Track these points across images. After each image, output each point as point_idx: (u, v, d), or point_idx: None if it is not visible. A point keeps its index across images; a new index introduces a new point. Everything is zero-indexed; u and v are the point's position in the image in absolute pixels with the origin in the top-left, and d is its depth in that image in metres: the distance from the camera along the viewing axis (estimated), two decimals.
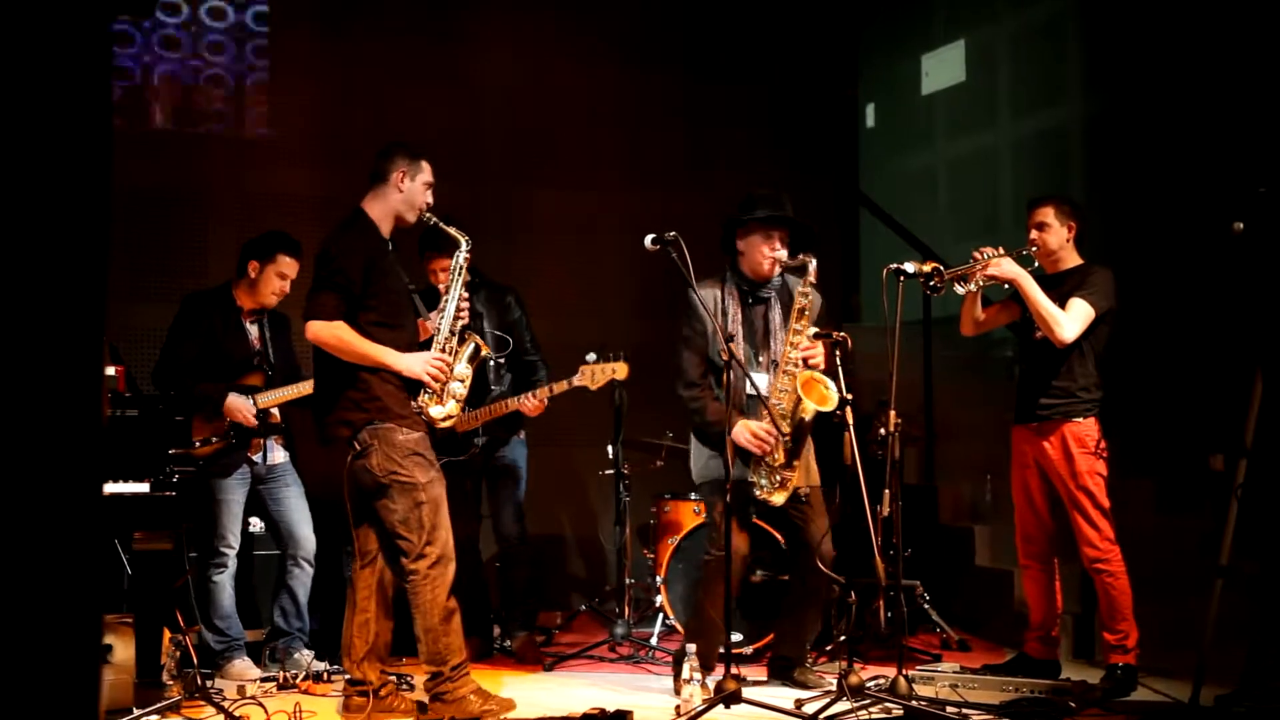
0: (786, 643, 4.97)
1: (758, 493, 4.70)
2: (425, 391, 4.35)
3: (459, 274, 4.54)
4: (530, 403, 5.37)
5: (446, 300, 4.51)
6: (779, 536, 5.26)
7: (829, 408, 4.61)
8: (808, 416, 4.67)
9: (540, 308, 6.02)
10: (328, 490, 6.44)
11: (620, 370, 5.29)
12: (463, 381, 4.46)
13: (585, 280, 7.05)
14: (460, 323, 4.50)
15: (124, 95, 6.34)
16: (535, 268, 6.31)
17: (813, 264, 4.72)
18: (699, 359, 4.83)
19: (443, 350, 4.43)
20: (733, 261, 4.92)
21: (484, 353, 4.67)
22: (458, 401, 4.45)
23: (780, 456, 4.68)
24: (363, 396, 4.26)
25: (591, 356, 5.30)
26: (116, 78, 6.26)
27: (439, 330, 4.47)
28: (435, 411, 4.38)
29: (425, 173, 4.48)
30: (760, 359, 4.83)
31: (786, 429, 4.65)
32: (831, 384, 4.64)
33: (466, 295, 4.54)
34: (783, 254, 4.78)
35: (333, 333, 4.24)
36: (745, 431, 4.66)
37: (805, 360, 4.72)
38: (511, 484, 5.66)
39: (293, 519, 5.29)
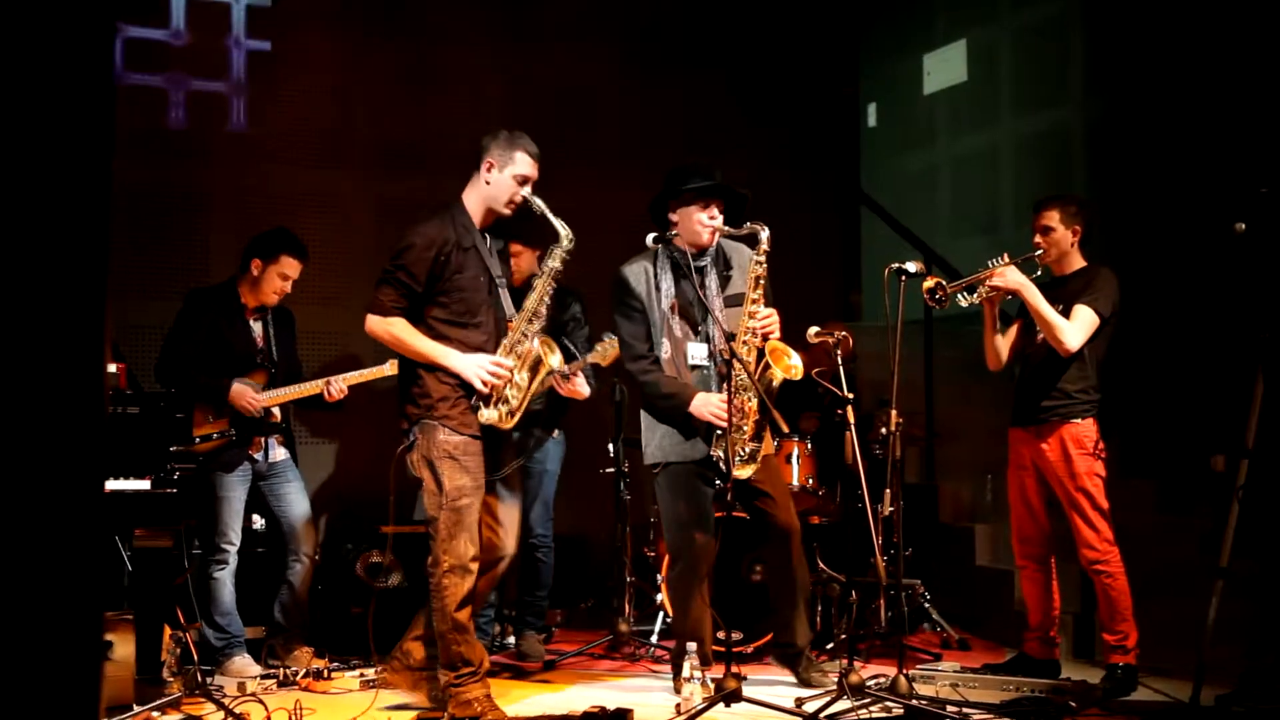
0: (785, 631, 4.90)
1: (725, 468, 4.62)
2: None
3: (549, 274, 4.33)
4: (563, 376, 5.10)
5: (528, 299, 4.31)
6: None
7: (797, 376, 4.58)
8: (775, 383, 4.63)
9: None
10: (327, 488, 6.48)
11: None
12: (519, 389, 4.26)
13: (586, 279, 7.03)
14: (537, 325, 4.29)
15: (126, 93, 6.33)
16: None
17: (765, 233, 4.60)
18: (643, 331, 4.73)
19: (510, 352, 4.26)
20: (665, 236, 4.77)
21: (544, 368, 4.31)
22: (510, 409, 4.25)
23: (749, 429, 4.62)
24: (419, 392, 4.21)
25: (609, 335, 5.24)
26: (118, 76, 6.26)
27: (510, 331, 4.29)
28: (484, 415, 4.22)
29: (517, 164, 4.28)
30: (699, 330, 4.70)
31: (751, 401, 4.58)
32: (795, 354, 4.60)
33: (551, 296, 4.32)
34: (719, 221, 4.69)
35: (386, 329, 4.20)
36: (708, 406, 4.56)
37: (762, 332, 4.62)
38: (545, 483, 5.63)
39: (293, 515, 5.29)
